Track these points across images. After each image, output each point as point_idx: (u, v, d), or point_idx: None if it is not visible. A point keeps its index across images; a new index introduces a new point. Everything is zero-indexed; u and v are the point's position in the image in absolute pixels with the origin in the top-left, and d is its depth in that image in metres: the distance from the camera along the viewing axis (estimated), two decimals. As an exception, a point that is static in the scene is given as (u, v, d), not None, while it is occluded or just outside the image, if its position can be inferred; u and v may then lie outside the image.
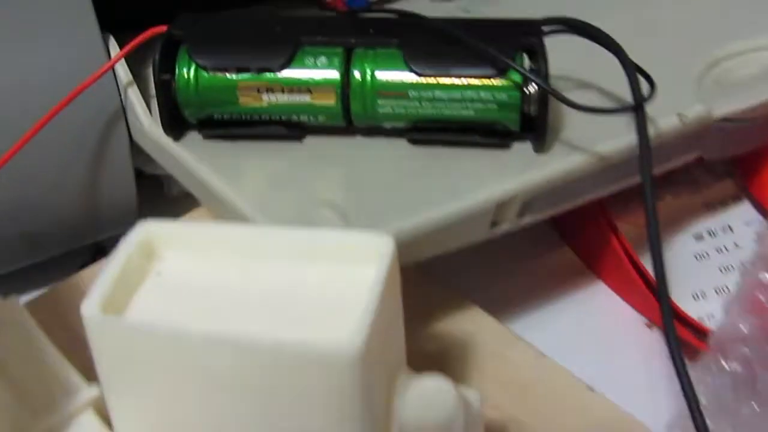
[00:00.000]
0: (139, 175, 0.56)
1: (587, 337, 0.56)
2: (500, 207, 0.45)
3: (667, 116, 0.47)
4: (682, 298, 0.57)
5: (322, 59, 0.46)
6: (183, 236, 0.37)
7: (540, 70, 0.44)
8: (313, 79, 0.46)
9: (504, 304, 0.55)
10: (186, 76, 0.46)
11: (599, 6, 0.61)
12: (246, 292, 0.35)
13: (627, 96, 0.46)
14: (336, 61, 0.46)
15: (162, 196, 0.61)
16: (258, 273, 0.36)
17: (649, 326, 0.56)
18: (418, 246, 0.43)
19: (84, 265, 0.59)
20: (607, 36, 0.45)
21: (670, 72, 0.48)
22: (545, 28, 0.47)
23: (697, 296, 0.58)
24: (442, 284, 0.51)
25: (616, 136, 0.47)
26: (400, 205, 0.43)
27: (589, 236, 0.59)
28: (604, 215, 0.56)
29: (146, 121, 0.50)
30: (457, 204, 0.43)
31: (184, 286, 0.35)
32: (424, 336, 0.48)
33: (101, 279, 0.34)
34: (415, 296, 0.37)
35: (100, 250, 0.61)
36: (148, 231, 0.37)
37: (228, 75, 0.46)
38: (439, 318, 0.49)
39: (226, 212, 0.46)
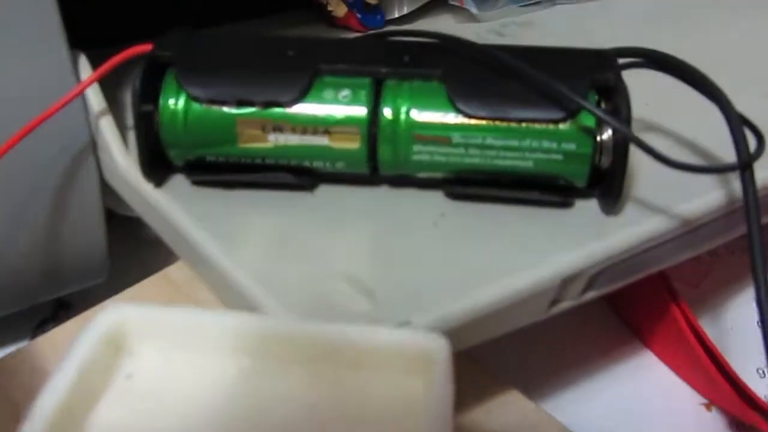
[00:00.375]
0: (111, 216, 0.47)
1: (636, 418, 0.49)
2: (564, 283, 0.35)
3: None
4: (745, 373, 0.48)
5: (345, 92, 0.36)
6: (162, 326, 0.29)
7: (620, 113, 0.34)
8: (333, 116, 0.36)
9: (542, 377, 0.49)
10: (173, 108, 0.37)
11: (647, 30, 0.54)
12: (246, 409, 0.26)
13: (721, 146, 0.38)
14: (362, 94, 0.36)
15: (138, 238, 0.51)
16: (264, 382, 0.27)
17: (707, 407, 0.50)
18: (462, 334, 0.34)
19: (43, 323, 0.50)
20: (701, 75, 0.36)
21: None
22: (621, 61, 0.37)
23: (763, 373, 0.51)
24: (479, 363, 0.42)
25: (701, 194, 0.39)
26: (440, 283, 0.34)
27: (641, 299, 0.50)
28: (660, 276, 0.47)
29: (121, 160, 0.41)
30: (513, 283, 0.35)
31: (161, 396, 0.28)
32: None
33: (52, 387, 0.26)
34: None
35: (64, 305, 0.51)
36: (117, 318, 0.28)
37: (226, 109, 0.37)
38: (481, 406, 0.40)
39: (216, 280, 0.36)
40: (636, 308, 0.51)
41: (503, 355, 0.46)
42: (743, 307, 0.55)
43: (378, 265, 0.36)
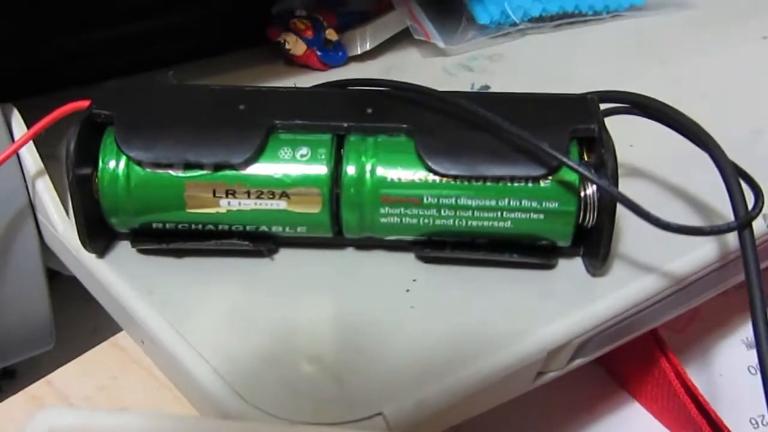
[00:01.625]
0: (54, 275, 0.43)
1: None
2: (550, 355, 0.32)
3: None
4: (738, 424, 0.45)
5: (304, 150, 0.33)
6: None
7: (606, 168, 0.31)
8: (290, 177, 0.33)
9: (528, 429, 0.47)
10: (114, 172, 0.33)
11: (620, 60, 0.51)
12: None
13: (714, 193, 0.35)
14: (323, 152, 0.33)
15: (83, 299, 0.48)
16: None
17: (697, 461, 0.45)
18: (442, 417, 0.31)
19: (-16, 395, 0.46)
20: (691, 123, 0.33)
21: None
22: (604, 107, 0.34)
23: (756, 423, 0.47)
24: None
25: (693, 249, 0.36)
26: (414, 363, 0.31)
27: (627, 350, 0.47)
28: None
29: (60, 225, 0.37)
30: (495, 360, 0.31)
31: None
32: None
33: None
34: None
35: (8, 374, 0.48)
36: (52, 425, 0.24)
37: (173, 172, 0.33)
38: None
39: (166, 363, 0.32)
40: (623, 360, 0.48)
41: (484, 416, 0.43)
42: (732, 350, 0.52)
43: (344, 344, 0.32)
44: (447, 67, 0.53)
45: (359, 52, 0.53)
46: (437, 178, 0.33)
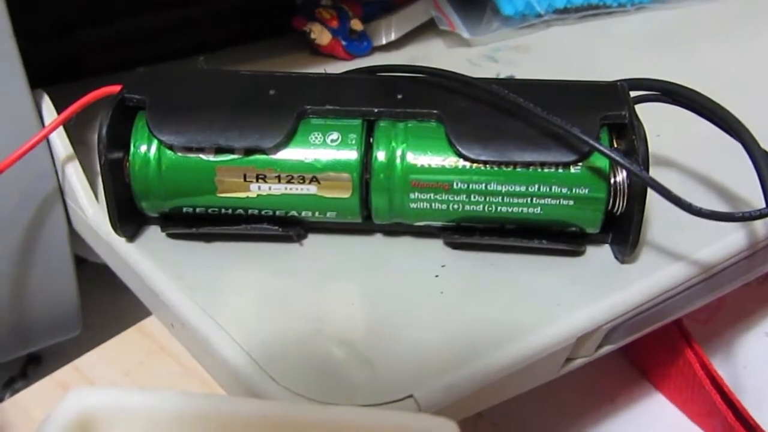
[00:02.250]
0: (81, 262, 0.43)
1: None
2: (579, 341, 0.32)
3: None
4: (762, 416, 0.45)
5: (334, 135, 0.33)
6: (134, 410, 0.25)
7: (636, 154, 0.31)
8: (321, 162, 0.33)
9: (549, 426, 0.46)
10: (145, 155, 0.34)
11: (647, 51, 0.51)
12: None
13: (743, 180, 0.35)
14: (353, 138, 0.33)
15: (112, 286, 0.48)
16: None
17: (722, 453, 0.45)
18: (470, 402, 0.31)
19: (11, 381, 0.46)
20: (722, 110, 0.33)
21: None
22: (633, 94, 0.34)
23: None
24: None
25: (722, 237, 0.35)
26: (444, 349, 0.31)
27: (651, 341, 0.47)
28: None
29: (90, 210, 0.37)
30: (524, 345, 0.31)
31: None
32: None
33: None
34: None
35: (34, 359, 0.48)
36: (83, 405, 0.25)
37: (204, 156, 0.33)
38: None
39: (195, 345, 0.33)
40: (647, 351, 0.48)
41: (507, 404, 0.43)
42: (756, 342, 0.52)
43: (375, 328, 0.32)
44: (471, 58, 0.53)
45: (384, 43, 0.53)
46: (467, 164, 0.33)
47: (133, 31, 0.51)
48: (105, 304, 0.49)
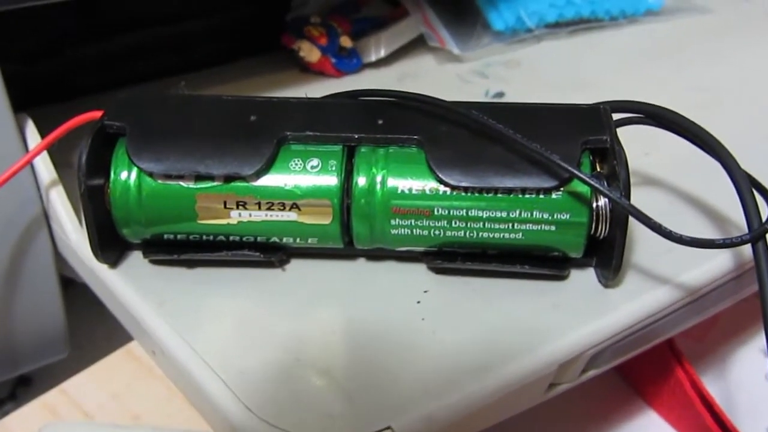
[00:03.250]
0: (69, 282, 0.43)
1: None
2: (561, 368, 0.32)
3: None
4: (757, 426, 0.45)
5: (315, 162, 0.33)
6: None
7: (618, 180, 0.31)
8: (300, 188, 0.33)
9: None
10: (125, 183, 0.33)
11: (636, 66, 0.51)
12: None
13: (728, 201, 0.34)
14: (333, 164, 0.33)
15: (98, 305, 0.48)
16: None
17: (713, 471, 0.45)
18: (453, 430, 0.30)
19: (0, 404, 0.46)
20: (705, 133, 0.33)
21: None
22: (617, 117, 0.34)
23: None
24: None
25: (707, 259, 0.35)
26: (424, 376, 0.31)
27: (643, 359, 0.47)
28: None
29: (74, 234, 0.37)
30: (506, 373, 0.31)
31: None
32: None
33: None
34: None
35: (23, 381, 0.48)
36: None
37: (184, 183, 0.33)
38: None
39: (175, 373, 0.32)
40: (639, 369, 0.48)
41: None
42: (750, 358, 0.52)
43: (355, 357, 0.32)
44: (462, 74, 0.53)
45: (374, 59, 0.53)
46: (448, 190, 0.33)
47: (120, 50, 0.51)
48: (94, 324, 0.49)
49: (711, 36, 0.57)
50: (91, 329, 0.49)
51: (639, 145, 0.34)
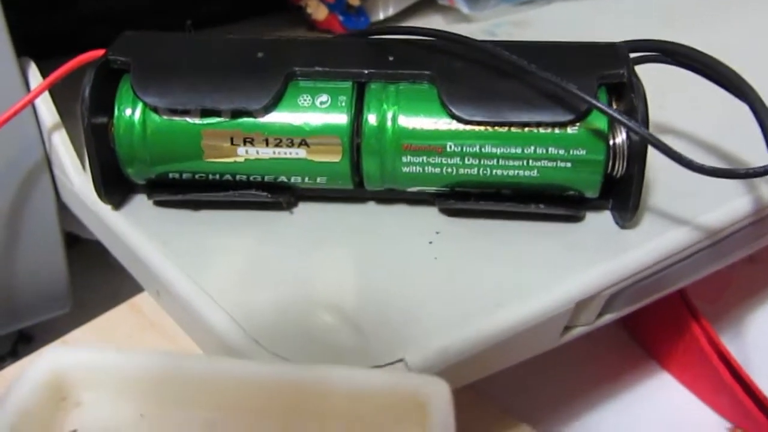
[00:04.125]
0: (74, 240, 0.42)
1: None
2: (578, 307, 0.31)
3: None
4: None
5: (324, 98, 0.32)
6: (111, 369, 0.24)
7: (636, 113, 0.30)
8: (310, 125, 0.32)
9: (553, 405, 0.45)
10: (129, 119, 0.33)
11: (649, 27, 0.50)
12: None
13: (748, 148, 0.34)
14: (343, 100, 0.32)
15: (104, 264, 0.47)
16: None
17: (732, 431, 0.45)
18: (465, 369, 0.30)
19: (0, 359, 0.45)
20: (726, 68, 0.32)
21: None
22: (633, 56, 0.33)
23: None
24: (482, 395, 0.38)
25: (726, 201, 0.34)
26: (437, 312, 0.30)
27: (657, 317, 0.46)
28: (677, 291, 0.43)
29: (76, 178, 0.36)
30: (521, 309, 0.30)
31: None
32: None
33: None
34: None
35: (24, 338, 0.47)
36: (57, 365, 0.24)
37: (189, 119, 0.32)
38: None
39: (183, 313, 0.32)
40: (652, 327, 0.47)
41: (508, 382, 0.42)
42: (766, 320, 0.51)
43: (365, 293, 0.31)
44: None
45: (381, 18, 0.52)
46: (461, 126, 0.32)
47: (128, 6, 0.50)
48: (98, 283, 0.48)
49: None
50: (95, 288, 0.48)
51: (654, 98, 0.33)
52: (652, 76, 0.34)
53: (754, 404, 0.42)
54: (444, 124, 0.32)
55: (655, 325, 0.46)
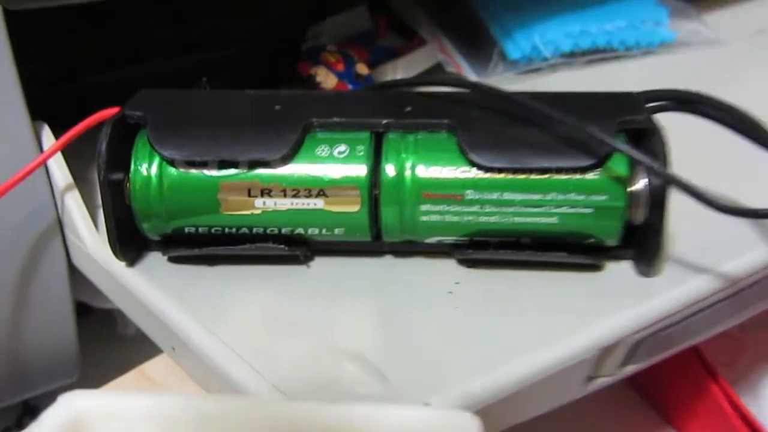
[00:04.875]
0: (85, 310, 0.41)
1: None
2: (601, 356, 0.30)
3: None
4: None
5: (342, 148, 0.32)
6: (130, 413, 0.23)
7: (656, 156, 0.30)
8: (328, 176, 0.32)
9: None
10: (146, 173, 0.32)
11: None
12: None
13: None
14: (361, 150, 0.32)
15: (112, 334, 0.46)
16: None
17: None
18: (489, 417, 0.29)
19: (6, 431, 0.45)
20: (747, 115, 0.32)
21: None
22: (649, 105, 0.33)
23: None
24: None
25: (748, 249, 0.34)
26: (461, 359, 0.30)
27: (673, 379, 0.45)
28: (693, 351, 0.43)
29: (89, 238, 0.36)
30: (546, 354, 0.29)
31: None
32: None
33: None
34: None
35: (30, 411, 0.46)
36: (76, 410, 0.23)
37: (207, 172, 0.32)
38: None
39: (203, 370, 0.31)
40: (668, 388, 0.46)
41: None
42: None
43: (387, 341, 0.31)
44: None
45: (390, 87, 0.52)
46: (480, 173, 0.32)
47: (136, 77, 0.50)
48: (106, 354, 0.48)
49: (725, 67, 0.57)
50: (102, 357, 0.47)
51: (672, 135, 0.33)
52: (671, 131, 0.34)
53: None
54: (463, 172, 0.32)
55: (672, 386, 0.46)
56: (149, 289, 0.34)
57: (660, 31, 0.57)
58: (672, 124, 0.35)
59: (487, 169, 0.32)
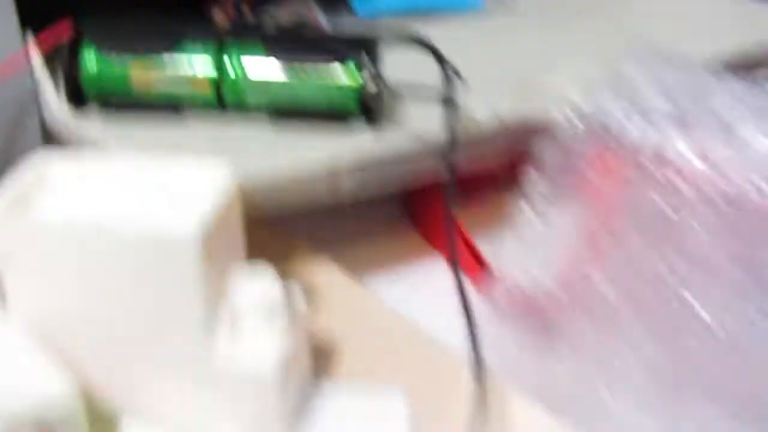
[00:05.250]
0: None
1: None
2: (333, 170, 0.55)
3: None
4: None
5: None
6: (90, 169, 0.44)
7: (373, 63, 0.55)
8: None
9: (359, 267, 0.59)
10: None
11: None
12: (120, 194, 0.43)
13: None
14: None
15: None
16: (128, 183, 0.43)
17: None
18: (267, 192, 0.53)
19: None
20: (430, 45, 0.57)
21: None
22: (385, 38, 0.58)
23: None
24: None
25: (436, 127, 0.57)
26: (255, 159, 0.53)
27: (432, 219, 0.63)
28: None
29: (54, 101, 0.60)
30: (299, 160, 0.54)
31: (70, 191, 0.42)
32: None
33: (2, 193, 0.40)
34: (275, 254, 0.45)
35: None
36: (40, 170, 0.43)
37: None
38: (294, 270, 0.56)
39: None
40: (423, 213, 0.63)
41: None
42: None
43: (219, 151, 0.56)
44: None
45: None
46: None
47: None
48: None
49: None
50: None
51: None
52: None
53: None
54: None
55: (427, 212, 0.62)
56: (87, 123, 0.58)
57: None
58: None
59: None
